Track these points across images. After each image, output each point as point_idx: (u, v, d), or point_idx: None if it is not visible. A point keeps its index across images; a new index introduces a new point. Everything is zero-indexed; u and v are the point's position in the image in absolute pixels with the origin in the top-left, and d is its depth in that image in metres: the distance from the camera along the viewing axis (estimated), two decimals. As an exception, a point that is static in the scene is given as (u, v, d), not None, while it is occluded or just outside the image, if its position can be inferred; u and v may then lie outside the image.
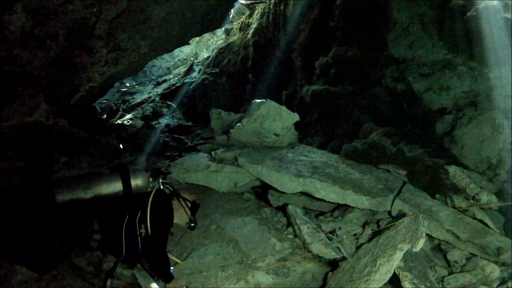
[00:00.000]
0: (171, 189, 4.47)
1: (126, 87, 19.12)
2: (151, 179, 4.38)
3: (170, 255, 4.21)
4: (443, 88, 6.04)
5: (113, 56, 6.37)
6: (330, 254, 4.52)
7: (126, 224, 3.93)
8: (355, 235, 4.91)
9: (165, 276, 4.12)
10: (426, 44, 6.47)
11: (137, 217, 3.96)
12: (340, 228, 4.97)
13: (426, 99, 6.21)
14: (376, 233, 4.67)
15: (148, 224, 3.92)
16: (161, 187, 4.31)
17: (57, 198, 3.95)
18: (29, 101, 5.41)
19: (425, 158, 5.50)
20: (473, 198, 5.05)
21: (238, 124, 6.64)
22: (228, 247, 4.69)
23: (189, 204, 4.41)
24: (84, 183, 4.10)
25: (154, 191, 4.15)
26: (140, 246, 3.96)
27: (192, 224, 4.45)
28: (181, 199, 4.39)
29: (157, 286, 4.28)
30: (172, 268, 4.49)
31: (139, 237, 3.94)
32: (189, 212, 4.39)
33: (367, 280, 3.88)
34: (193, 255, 4.68)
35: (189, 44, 13.63)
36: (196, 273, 4.40)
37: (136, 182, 4.20)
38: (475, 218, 4.88)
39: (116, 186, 4.14)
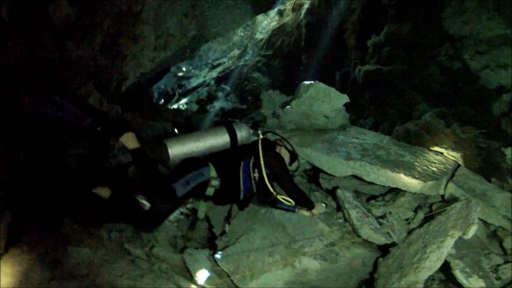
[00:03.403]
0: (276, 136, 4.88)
1: (183, 71, 19.29)
2: (251, 131, 4.64)
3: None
4: (501, 66, 5.73)
5: (161, 41, 6.39)
6: (379, 239, 4.43)
7: (242, 170, 4.30)
8: (406, 219, 4.77)
9: (307, 204, 4.59)
10: (482, 20, 6.14)
11: (250, 163, 4.32)
12: (390, 213, 4.84)
13: (482, 78, 5.91)
14: (427, 218, 4.51)
15: (263, 168, 4.23)
16: (261, 136, 4.48)
17: (170, 152, 4.20)
18: (80, 89, 5.51)
19: (480, 140, 5.27)
20: (532, 182, 4.81)
21: (287, 106, 6.56)
22: (276, 232, 4.64)
23: (289, 147, 4.72)
24: (193, 137, 4.37)
25: (260, 139, 4.37)
26: (255, 189, 4.41)
27: (292, 173, 4.76)
28: (283, 146, 4.72)
29: (207, 272, 4.33)
30: (220, 253, 4.53)
31: (253, 181, 4.35)
32: (289, 156, 4.72)
33: (417, 267, 3.78)
34: (241, 239, 4.66)
35: (241, 26, 13.61)
36: (244, 258, 4.39)
37: (241, 133, 4.50)
38: (532, 204, 4.65)
39: (223, 139, 4.44)
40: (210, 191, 4.19)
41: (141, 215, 4.42)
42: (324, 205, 4.79)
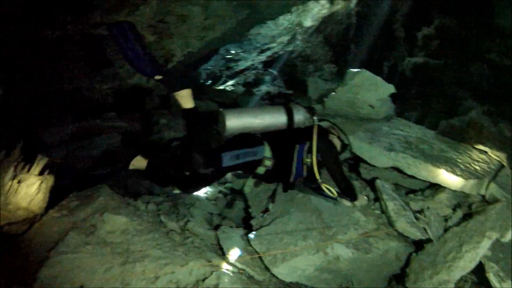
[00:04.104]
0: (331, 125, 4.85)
1: (231, 54, 19.34)
2: (308, 116, 4.58)
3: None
4: (554, 64, 5.54)
5: (210, 22, 6.41)
6: (415, 234, 4.35)
7: (297, 154, 4.31)
8: (444, 216, 4.69)
9: (350, 194, 4.66)
10: (536, 16, 5.93)
11: (305, 148, 4.34)
12: (428, 208, 4.75)
13: (534, 76, 5.73)
14: (466, 217, 4.42)
15: (314, 155, 4.26)
16: (317, 123, 4.51)
17: (227, 122, 4.18)
18: (126, 65, 5.60)
19: (527, 140, 5.13)
20: None
21: (332, 93, 6.51)
22: (312, 217, 4.64)
23: (343, 137, 4.77)
24: (251, 112, 4.38)
25: (316, 125, 4.42)
26: (305, 174, 4.44)
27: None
28: (336, 134, 4.76)
29: (239, 250, 4.37)
30: (254, 233, 4.56)
31: (305, 166, 4.37)
32: (340, 145, 4.78)
33: (450, 266, 3.72)
34: (276, 221, 4.69)
35: (291, 12, 13.50)
36: (277, 239, 4.41)
37: (299, 116, 4.46)
38: None
39: (280, 119, 4.40)
40: (261, 170, 4.24)
41: (181, 179, 4.42)
42: (366, 197, 4.83)
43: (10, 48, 4.17)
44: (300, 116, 4.46)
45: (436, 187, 5.08)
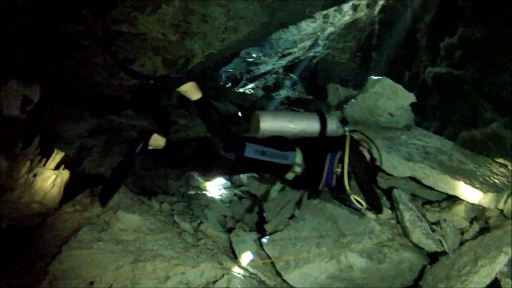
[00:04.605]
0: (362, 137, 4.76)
1: (252, 57, 19.40)
2: (340, 125, 4.57)
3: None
4: None
5: (232, 24, 6.40)
6: (430, 246, 4.29)
7: (329, 162, 4.24)
8: (460, 229, 4.61)
9: (377, 207, 4.57)
10: None
11: (337, 157, 4.26)
12: (445, 220, 4.68)
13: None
14: (483, 231, 4.34)
15: (345, 165, 4.18)
16: (349, 133, 4.44)
17: (261, 124, 4.13)
18: (147, 63, 5.61)
19: (549, 155, 5.03)
20: None
21: (352, 100, 6.46)
22: (326, 224, 4.61)
23: (374, 151, 4.71)
24: (286, 116, 4.31)
25: (349, 136, 4.34)
26: (334, 183, 4.35)
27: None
28: (365, 147, 4.66)
29: (251, 254, 4.35)
30: (267, 237, 4.54)
31: (334, 175, 4.28)
32: (368, 158, 4.64)
33: (464, 280, 3.64)
34: (290, 227, 4.67)
35: (314, 18, 13.52)
36: (290, 245, 4.39)
37: (332, 125, 4.42)
38: None
39: (314, 126, 4.34)
40: (290, 176, 4.16)
41: (199, 160, 4.32)
42: (390, 211, 4.76)
43: (29, 42, 4.20)
44: (333, 126, 4.41)
45: (453, 199, 5.00)
